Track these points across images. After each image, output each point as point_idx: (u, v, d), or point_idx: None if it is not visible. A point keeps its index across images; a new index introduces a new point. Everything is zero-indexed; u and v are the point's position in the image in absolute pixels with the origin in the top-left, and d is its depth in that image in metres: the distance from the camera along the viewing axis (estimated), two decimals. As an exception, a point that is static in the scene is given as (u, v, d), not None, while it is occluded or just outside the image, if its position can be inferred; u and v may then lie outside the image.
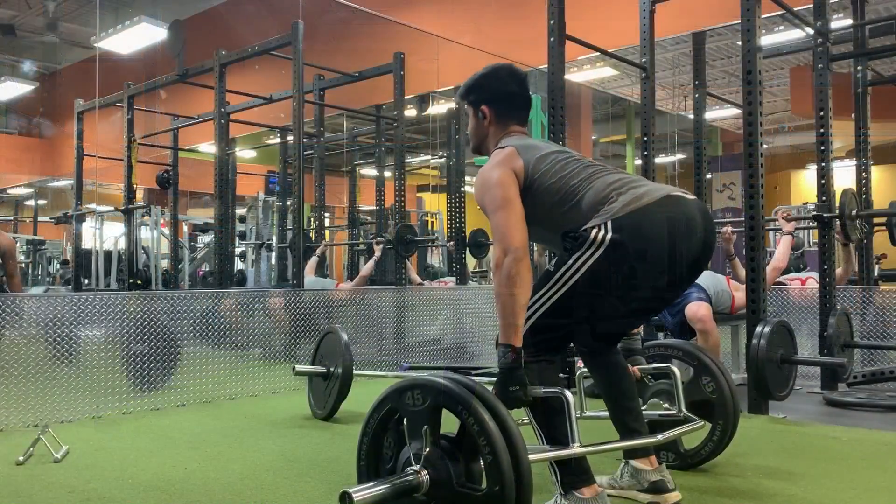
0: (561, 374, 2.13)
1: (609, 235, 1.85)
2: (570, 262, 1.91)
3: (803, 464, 2.61)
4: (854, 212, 4.03)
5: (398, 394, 1.71)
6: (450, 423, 1.64)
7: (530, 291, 1.88)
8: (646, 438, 2.10)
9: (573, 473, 1.91)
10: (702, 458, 2.49)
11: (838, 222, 4.00)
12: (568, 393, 1.83)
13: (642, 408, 2.29)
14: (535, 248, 4.25)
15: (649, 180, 2.06)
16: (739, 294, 4.09)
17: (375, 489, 1.59)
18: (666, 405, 2.48)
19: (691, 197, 1.99)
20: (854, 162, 4.80)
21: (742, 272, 3.77)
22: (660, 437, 2.12)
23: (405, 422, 1.69)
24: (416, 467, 1.62)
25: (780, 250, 4.39)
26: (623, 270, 1.89)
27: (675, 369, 2.33)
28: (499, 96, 2.16)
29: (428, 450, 1.63)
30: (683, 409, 2.27)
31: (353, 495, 1.52)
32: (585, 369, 2.36)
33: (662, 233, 1.88)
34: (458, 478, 1.61)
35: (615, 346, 2.21)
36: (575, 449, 1.82)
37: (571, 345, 2.24)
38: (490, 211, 1.95)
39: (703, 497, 2.22)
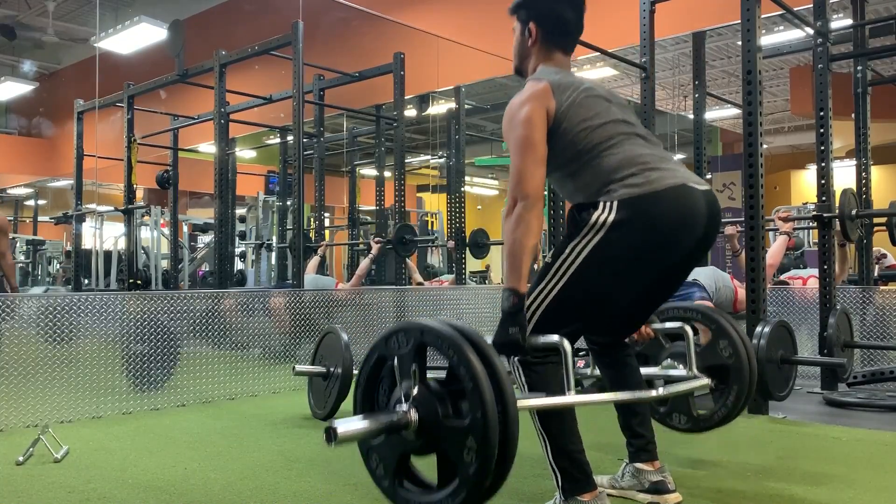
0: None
1: (612, 217, 1.84)
2: (568, 251, 1.90)
3: (803, 464, 2.61)
4: (854, 212, 4.03)
5: (384, 341, 1.70)
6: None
7: (539, 238, 1.88)
8: (651, 439, 2.12)
9: (574, 479, 1.89)
10: (714, 422, 2.38)
11: (838, 222, 4.00)
12: (566, 342, 1.83)
13: (656, 370, 2.28)
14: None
15: (671, 158, 1.98)
16: (743, 291, 4.10)
17: (360, 423, 1.57)
18: (680, 366, 2.39)
19: (703, 188, 1.94)
20: (854, 162, 4.80)
21: None
22: (661, 391, 2.10)
23: (395, 367, 1.67)
24: (405, 406, 1.60)
25: (774, 248, 4.41)
26: (621, 254, 1.87)
27: (689, 328, 2.29)
28: (550, 17, 2.05)
29: (416, 389, 1.60)
30: (694, 369, 2.23)
31: (338, 428, 1.49)
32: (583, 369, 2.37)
33: (662, 224, 1.86)
34: (445, 415, 1.57)
35: (626, 344, 2.20)
36: (569, 398, 1.82)
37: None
38: (511, 150, 1.92)
39: (704, 497, 2.22)
